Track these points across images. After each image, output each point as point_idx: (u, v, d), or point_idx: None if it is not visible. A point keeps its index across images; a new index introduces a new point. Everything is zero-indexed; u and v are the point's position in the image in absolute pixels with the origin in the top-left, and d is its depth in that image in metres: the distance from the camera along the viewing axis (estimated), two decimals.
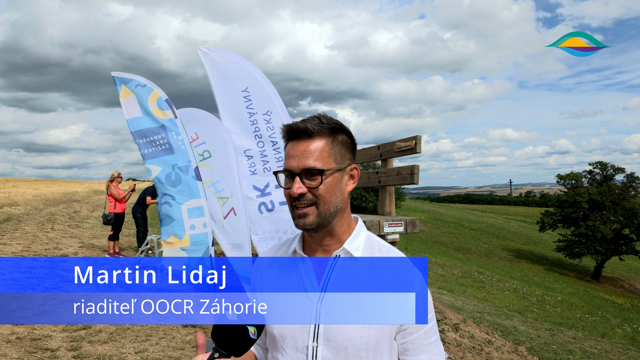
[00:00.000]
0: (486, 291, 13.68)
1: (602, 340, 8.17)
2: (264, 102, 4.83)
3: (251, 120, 4.86)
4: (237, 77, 4.91)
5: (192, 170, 5.10)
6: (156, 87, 5.20)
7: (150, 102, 5.18)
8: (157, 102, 5.17)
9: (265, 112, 4.83)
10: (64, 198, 23.41)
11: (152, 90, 5.18)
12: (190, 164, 5.11)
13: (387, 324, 1.13)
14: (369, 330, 1.12)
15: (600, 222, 31.65)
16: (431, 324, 1.19)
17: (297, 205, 1.14)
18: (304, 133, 1.14)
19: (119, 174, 9.30)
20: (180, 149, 5.13)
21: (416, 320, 1.14)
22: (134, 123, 5.21)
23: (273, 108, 4.82)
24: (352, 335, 1.12)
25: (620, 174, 35.49)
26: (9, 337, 4.25)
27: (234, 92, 4.91)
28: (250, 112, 4.86)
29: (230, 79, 4.93)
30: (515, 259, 32.70)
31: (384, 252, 1.22)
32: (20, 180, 53.18)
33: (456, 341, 5.08)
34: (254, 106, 4.85)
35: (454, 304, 8.30)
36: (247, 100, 4.86)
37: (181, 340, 4.72)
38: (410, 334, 1.16)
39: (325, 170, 1.12)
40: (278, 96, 4.87)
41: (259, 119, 4.85)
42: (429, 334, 1.18)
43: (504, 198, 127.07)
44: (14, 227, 11.70)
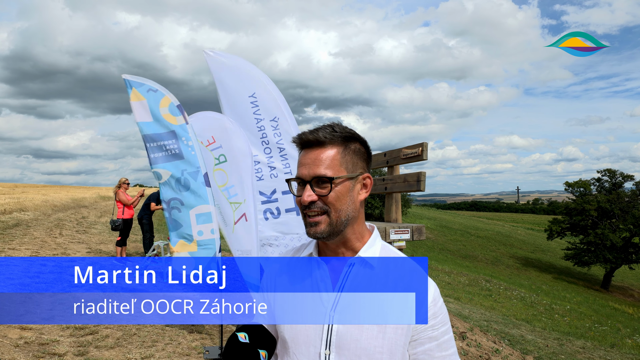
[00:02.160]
0: (493, 299, 13.56)
1: (612, 350, 8.06)
2: (271, 109, 4.81)
3: (258, 126, 4.84)
4: (244, 82, 4.87)
5: (201, 176, 5.10)
6: (168, 93, 5.20)
7: (161, 107, 5.17)
8: (169, 108, 5.17)
9: (273, 118, 4.81)
10: (72, 204, 23.59)
11: (163, 96, 5.19)
12: (200, 170, 5.11)
13: (401, 333, 1.13)
14: (382, 340, 1.12)
15: (610, 230, 31.33)
16: (446, 337, 1.16)
17: (309, 214, 1.14)
18: (316, 142, 1.14)
19: (126, 179, 9.36)
20: (190, 155, 5.12)
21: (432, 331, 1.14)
22: (143, 127, 5.20)
23: (280, 114, 4.80)
24: (366, 345, 1.12)
25: (629, 181, 35.18)
26: (17, 342, 4.28)
27: (240, 97, 4.88)
28: (257, 118, 4.84)
29: (236, 84, 4.89)
30: (523, 267, 32.41)
31: (399, 263, 1.21)
32: (29, 186, 53.67)
33: (463, 350, 5.04)
34: (261, 112, 4.83)
35: (461, 312, 8.24)
36: (254, 106, 4.83)
37: (187, 346, 4.73)
38: (422, 344, 1.15)
39: (335, 178, 1.12)
40: (285, 102, 4.86)
41: (266, 125, 4.83)
42: (443, 347, 1.16)
43: (512, 205, 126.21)
44: (22, 233, 11.80)
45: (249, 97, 4.84)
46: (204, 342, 4.99)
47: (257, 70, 4.94)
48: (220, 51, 5.05)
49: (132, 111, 5.24)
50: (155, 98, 5.20)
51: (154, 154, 5.20)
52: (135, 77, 5.31)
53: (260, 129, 4.84)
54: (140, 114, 5.21)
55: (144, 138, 5.22)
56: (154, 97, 5.20)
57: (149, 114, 5.21)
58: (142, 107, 5.22)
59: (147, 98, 5.20)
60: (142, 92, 5.23)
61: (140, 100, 5.23)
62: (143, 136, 5.23)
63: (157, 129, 5.19)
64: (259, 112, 4.84)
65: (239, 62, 4.96)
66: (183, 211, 5.14)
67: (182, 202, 5.14)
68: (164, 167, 5.19)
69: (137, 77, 5.29)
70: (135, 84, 5.26)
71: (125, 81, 5.30)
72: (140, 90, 5.23)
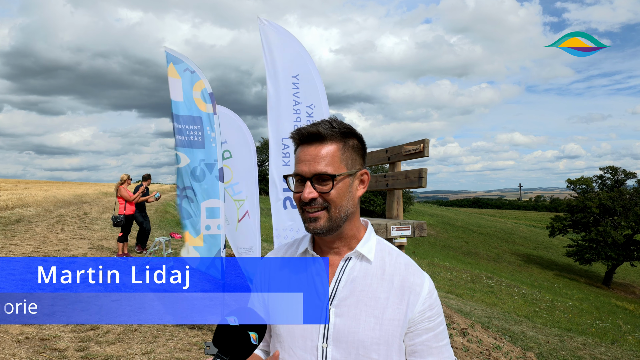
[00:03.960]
0: (495, 296, 13.56)
1: (613, 347, 8.05)
2: (310, 95, 4.64)
3: (295, 109, 4.67)
4: (290, 62, 4.70)
5: (217, 169, 5.00)
6: (203, 77, 5.08)
7: (194, 90, 5.04)
8: (201, 93, 5.05)
9: (310, 104, 4.66)
10: (74, 200, 23.64)
11: (199, 79, 5.05)
12: (217, 163, 5.00)
13: (397, 325, 1.13)
14: (379, 332, 1.12)
15: (611, 227, 31.28)
16: (441, 327, 1.19)
17: (308, 210, 1.14)
18: (316, 137, 1.14)
19: (128, 176, 9.40)
20: (210, 146, 5.03)
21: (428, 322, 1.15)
22: (175, 105, 5.08)
23: (317, 102, 4.65)
24: (363, 337, 1.12)
25: (631, 179, 35.09)
26: (18, 337, 4.30)
27: (284, 75, 4.69)
28: (295, 100, 4.64)
29: (282, 62, 4.70)
30: (525, 264, 32.39)
31: (394, 256, 1.22)
32: (31, 182, 53.86)
33: (464, 346, 5.04)
34: (300, 96, 4.65)
35: (462, 309, 8.24)
36: (295, 87, 4.66)
37: (188, 341, 4.74)
38: (419, 335, 1.16)
39: (337, 176, 1.12)
40: (324, 91, 4.68)
41: (302, 109, 4.67)
42: (439, 337, 1.18)
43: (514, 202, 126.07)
44: (24, 228, 11.83)
45: (292, 77, 4.67)
46: (205, 337, 4.99)
47: (306, 53, 4.74)
48: (274, 22, 4.83)
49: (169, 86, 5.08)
50: (190, 79, 5.06)
51: (179, 136, 5.07)
52: (177, 52, 5.12)
53: (296, 112, 4.69)
54: (174, 91, 5.08)
55: (174, 117, 5.10)
56: (190, 79, 5.06)
57: (182, 94, 5.07)
58: (177, 85, 5.08)
59: (182, 77, 5.06)
60: (179, 70, 5.08)
61: (177, 78, 5.08)
62: (173, 115, 5.12)
63: (186, 111, 5.07)
64: (298, 94, 4.67)
65: (289, 39, 4.75)
66: (195, 202, 5.07)
67: (195, 192, 5.06)
68: (184, 151, 5.07)
69: (177, 53, 5.11)
70: (174, 59, 5.09)
71: (166, 53, 5.13)
72: (178, 68, 5.08)
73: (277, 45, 4.75)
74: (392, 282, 1.16)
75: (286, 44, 4.76)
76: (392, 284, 1.16)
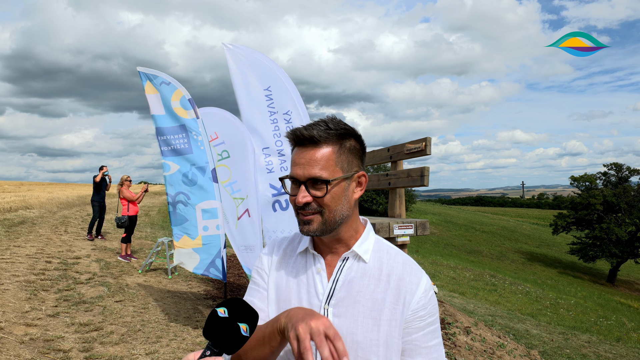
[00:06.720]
0: (498, 294, 13.53)
1: (617, 344, 8.03)
2: (285, 102, 4.84)
3: (271, 119, 4.87)
4: (260, 76, 4.89)
5: (209, 171, 5.12)
6: (180, 86, 5.22)
7: (173, 101, 5.22)
8: (181, 101, 5.22)
9: (286, 112, 4.84)
10: (77, 201, 23.71)
11: (176, 89, 5.22)
12: (208, 165, 5.12)
13: (395, 325, 1.12)
14: (378, 333, 1.11)
15: (615, 224, 31.18)
16: (431, 327, 1.16)
17: (302, 213, 1.13)
18: (310, 140, 1.11)
19: (128, 177, 9.45)
20: (199, 150, 5.16)
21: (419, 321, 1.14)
22: (157, 119, 5.26)
23: (293, 108, 4.83)
24: (361, 338, 1.11)
25: (635, 175, 34.96)
26: (22, 338, 4.31)
27: (256, 90, 4.90)
28: (271, 110, 4.87)
29: (253, 77, 4.91)
30: (528, 261, 32.32)
31: (392, 255, 1.21)
32: (34, 183, 53.99)
33: (467, 344, 5.03)
34: (275, 105, 4.86)
35: (465, 307, 8.23)
36: (268, 99, 4.87)
37: (191, 342, 4.74)
38: (409, 334, 1.14)
39: (331, 180, 1.10)
40: (299, 97, 4.86)
41: (279, 118, 4.86)
42: (428, 337, 1.15)
43: (517, 200, 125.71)
44: (28, 230, 11.87)
45: (264, 90, 4.88)
46: None
47: (274, 64, 4.94)
48: (238, 44, 5.10)
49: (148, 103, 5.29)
50: (168, 91, 5.24)
51: (164, 147, 5.26)
52: (149, 69, 5.33)
53: (273, 121, 4.87)
54: (154, 106, 5.27)
55: (156, 130, 5.27)
56: (167, 90, 5.24)
57: (162, 107, 5.26)
58: (156, 99, 5.27)
59: (160, 91, 5.26)
60: (156, 85, 5.27)
61: (155, 94, 5.28)
62: (156, 128, 5.28)
63: (168, 122, 5.24)
64: (272, 105, 4.86)
65: (256, 56, 4.99)
66: (189, 206, 5.17)
67: (188, 196, 5.17)
68: (173, 160, 5.25)
69: (151, 70, 5.32)
70: (149, 77, 5.30)
71: (140, 74, 5.34)
72: (154, 83, 5.28)
73: (245, 64, 4.96)
74: (389, 282, 1.15)
75: (254, 61, 4.96)
76: (388, 284, 1.15)
